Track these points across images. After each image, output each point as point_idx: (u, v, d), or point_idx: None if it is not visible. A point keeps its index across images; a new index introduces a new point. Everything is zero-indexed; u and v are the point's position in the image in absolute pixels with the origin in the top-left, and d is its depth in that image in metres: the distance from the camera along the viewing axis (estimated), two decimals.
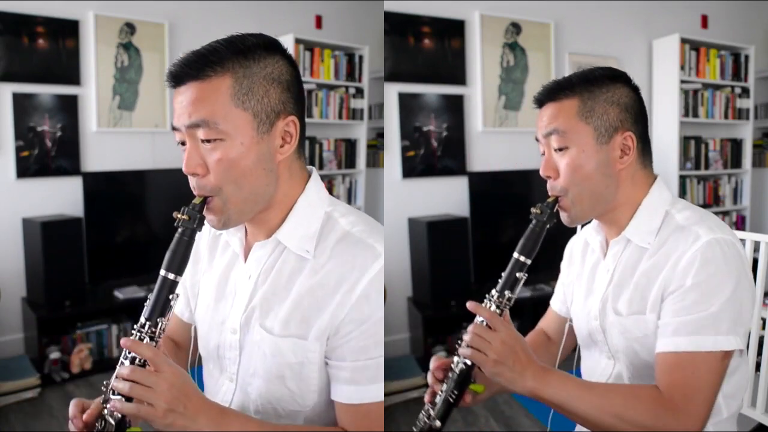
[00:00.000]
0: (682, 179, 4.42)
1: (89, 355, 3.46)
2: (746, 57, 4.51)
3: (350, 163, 4.67)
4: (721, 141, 4.57)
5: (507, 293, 1.21)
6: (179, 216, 1.03)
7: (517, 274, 1.21)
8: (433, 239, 3.50)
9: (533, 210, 1.24)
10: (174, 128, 1.05)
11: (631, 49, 4.31)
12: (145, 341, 1.00)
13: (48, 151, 3.60)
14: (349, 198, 4.73)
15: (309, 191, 1.10)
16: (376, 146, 4.84)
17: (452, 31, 3.81)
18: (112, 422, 0.99)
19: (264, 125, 1.03)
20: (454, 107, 3.85)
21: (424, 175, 3.79)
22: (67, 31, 3.63)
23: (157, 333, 1.01)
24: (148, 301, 1.03)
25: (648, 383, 1.16)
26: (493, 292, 1.22)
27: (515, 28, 3.97)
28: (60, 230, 3.40)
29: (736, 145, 4.62)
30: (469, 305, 1.16)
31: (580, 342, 1.41)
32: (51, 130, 3.60)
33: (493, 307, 1.19)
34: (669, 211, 1.22)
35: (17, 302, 3.53)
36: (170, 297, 1.02)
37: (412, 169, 3.76)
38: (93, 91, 3.73)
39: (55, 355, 3.34)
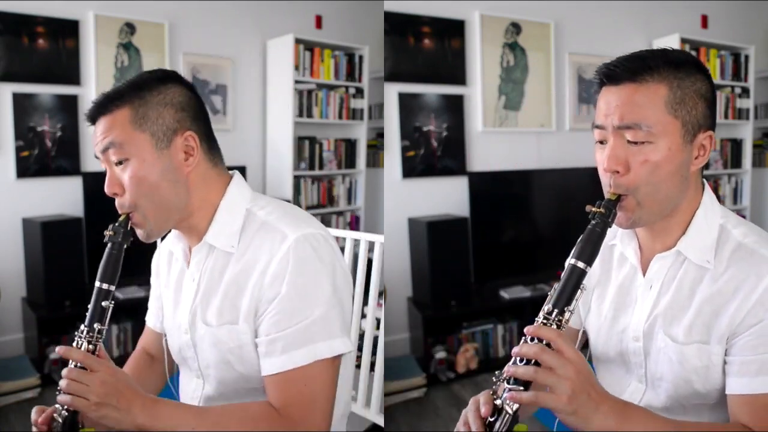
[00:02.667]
0: None
1: None
2: (746, 57, 4.51)
3: (350, 163, 4.67)
4: (720, 141, 4.57)
5: (567, 309, 1.00)
6: (107, 233, 1.18)
7: (578, 286, 1.01)
8: (433, 239, 3.49)
9: (593, 209, 1.03)
10: (96, 157, 1.20)
11: (632, 49, 4.24)
12: (82, 346, 1.11)
13: (48, 151, 3.60)
14: (349, 198, 4.73)
15: (229, 194, 1.21)
16: (376, 146, 4.84)
17: (452, 31, 3.81)
18: (60, 420, 1.09)
19: (161, 142, 1.16)
20: (454, 107, 3.85)
21: (424, 175, 3.79)
22: (67, 31, 3.63)
23: (94, 337, 1.12)
24: (87, 311, 1.15)
25: (690, 415, 1.11)
26: (547, 307, 1.01)
27: (515, 28, 3.97)
28: (60, 230, 3.39)
29: (736, 145, 4.62)
30: (529, 329, 0.99)
31: (597, 356, 1.26)
32: (51, 130, 3.60)
33: (554, 327, 0.99)
34: (723, 225, 1.10)
35: (17, 302, 3.53)
36: (104, 305, 1.15)
37: (412, 169, 3.76)
38: (93, 91, 3.72)
39: (55, 355, 3.33)
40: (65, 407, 1.09)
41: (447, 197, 3.82)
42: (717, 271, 1.07)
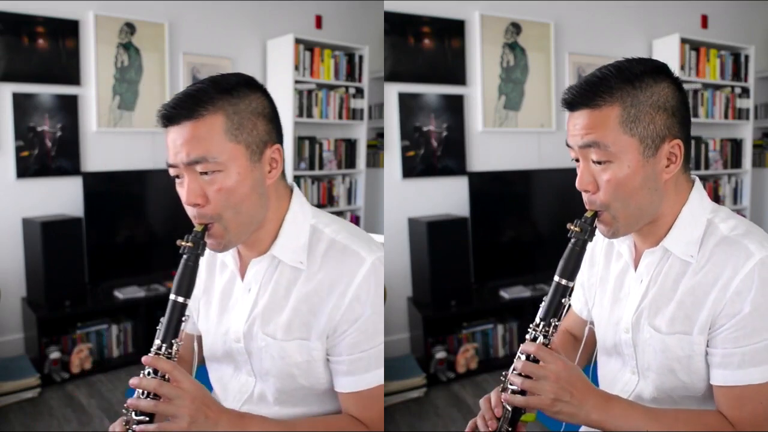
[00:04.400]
0: None
1: (89, 355, 3.46)
2: (746, 57, 4.51)
3: (350, 163, 4.67)
4: (721, 141, 4.57)
5: (553, 321, 1.11)
6: (183, 243, 1.10)
7: (562, 300, 1.11)
8: (433, 239, 3.49)
9: (572, 227, 1.12)
10: (170, 165, 1.12)
11: (631, 49, 4.30)
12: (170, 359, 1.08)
13: (48, 151, 3.60)
14: (349, 198, 4.73)
15: (294, 208, 1.20)
16: (376, 146, 4.83)
17: (452, 31, 3.81)
18: None
19: (255, 155, 1.13)
20: (454, 107, 3.85)
21: (424, 175, 3.79)
22: (67, 31, 3.63)
23: (173, 353, 1.08)
24: (160, 324, 1.10)
25: (677, 404, 1.15)
26: (537, 320, 1.12)
27: (515, 28, 3.97)
28: (60, 230, 3.39)
29: (736, 145, 4.62)
30: (521, 347, 1.10)
31: (600, 348, 1.33)
32: (51, 130, 3.60)
33: (541, 339, 1.10)
34: (711, 220, 1.13)
35: (17, 302, 3.53)
36: (182, 319, 1.09)
37: (412, 169, 3.76)
38: (93, 91, 3.73)
39: (55, 355, 3.33)
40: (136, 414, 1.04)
41: (447, 197, 3.82)
42: (699, 263, 1.11)
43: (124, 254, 3.79)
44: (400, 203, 3.71)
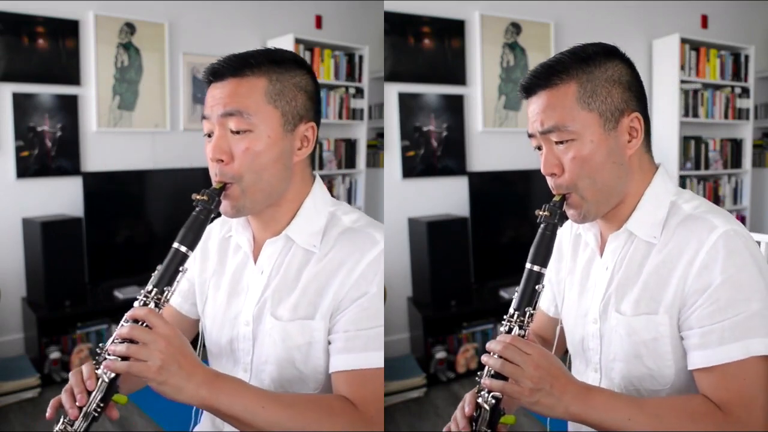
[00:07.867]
0: (682, 179, 4.42)
1: (89, 355, 3.46)
2: (746, 57, 4.51)
3: (350, 163, 4.66)
4: (721, 141, 4.57)
5: (528, 310, 1.06)
6: (198, 197, 1.08)
7: (536, 287, 1.06)
8: (433, 239, 3.49)
9: (540, 213, 1.09)
10: (204, 117, 1.14)
11: (631, 49, 4.24)
12: (150, 305, 1.03)
13: (48, 151, 3.60)
14: (349, 198, 4.72)
15: (315, 193, 1.20)
16: (376, 146, 4.83)
17: (452, 31, 3.81)
18: (106, 380, 1.00)
19: (289, 125, 1.14)
20: (454, 107, 3.85)
21: (424, 175, 3.79)
22: (67, 31, 3.63)
23: (162, 300, 1.05)
24: (156, 271, 1.07)
25: (642, 396, 1.11)
26: (511, 310, 1.07)
27: (515, 28, 3.97)
28: (60, 230, 3.39)
29: (736, 145, 4.62)
30: (489, 344, 1.04)
31: (570, 348, 1.29)
32: (51, 130, 3.60)
33: (516, 329, 1.05)
34: (675, 201, 1.12)
35: (17, 302, 3.53)
36: (180, 269, 1.06)
37: (412, 169, 3.76)
38: (93, 91, 3.73)
39: (55, 355, 3.33)
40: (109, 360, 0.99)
41: (447, 197, 3.82)
42: (662, 242, 1.10)
43: (124, 254, 3.79)
44: (400, 203, 3.71)
